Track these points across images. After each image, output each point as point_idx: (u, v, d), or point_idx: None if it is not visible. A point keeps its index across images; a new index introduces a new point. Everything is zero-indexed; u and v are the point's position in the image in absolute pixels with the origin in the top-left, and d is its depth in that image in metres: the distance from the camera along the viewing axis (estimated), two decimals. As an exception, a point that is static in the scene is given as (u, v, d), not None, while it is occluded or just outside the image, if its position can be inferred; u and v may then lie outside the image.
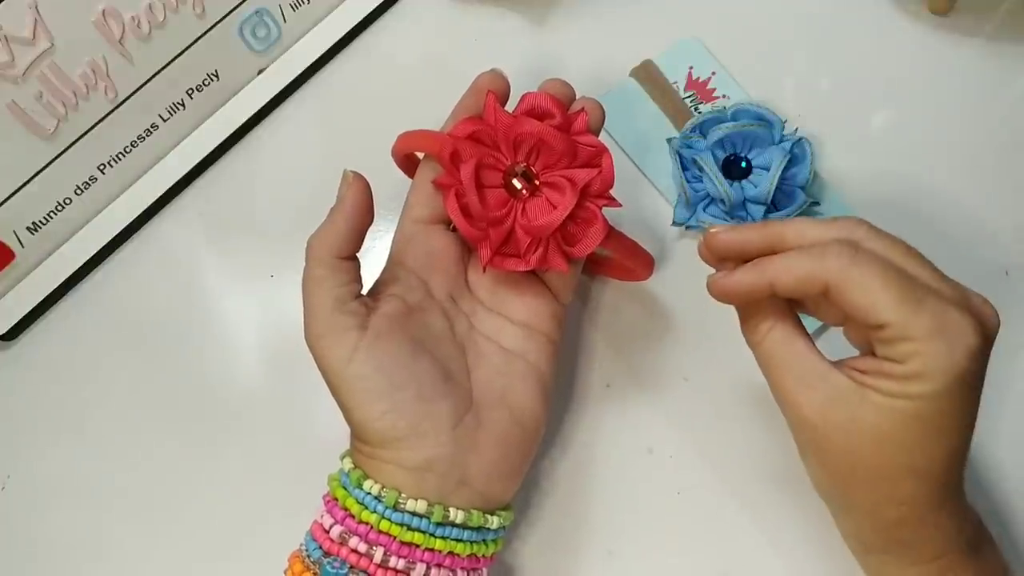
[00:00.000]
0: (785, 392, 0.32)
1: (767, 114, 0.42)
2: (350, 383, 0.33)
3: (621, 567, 0.40)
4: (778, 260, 0.32)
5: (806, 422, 0.32)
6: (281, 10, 0.46)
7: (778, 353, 0.33)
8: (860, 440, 0.31)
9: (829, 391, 0.31)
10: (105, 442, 0.43)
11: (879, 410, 0.30)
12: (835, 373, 0.31)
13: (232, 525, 0.41)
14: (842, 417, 0.31)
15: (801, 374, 0.32)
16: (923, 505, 0.31)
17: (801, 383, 0.32)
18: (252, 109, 0.46)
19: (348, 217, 0.34)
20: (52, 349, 0.44)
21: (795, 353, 0.32)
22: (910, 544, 0.32)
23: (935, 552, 0.32)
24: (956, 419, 0.30)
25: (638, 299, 0.43)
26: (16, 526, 0.42)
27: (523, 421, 0.36)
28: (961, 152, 0.45)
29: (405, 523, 0.33)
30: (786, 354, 0.32)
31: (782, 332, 0.33)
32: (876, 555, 0.34)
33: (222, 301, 0.45)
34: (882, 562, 0.34)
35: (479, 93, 0.37)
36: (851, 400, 0.31)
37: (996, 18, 0.47)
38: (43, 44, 0.39)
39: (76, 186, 0.43)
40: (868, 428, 0.30)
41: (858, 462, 0.31)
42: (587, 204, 0.35)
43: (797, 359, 0.32)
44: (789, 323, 0.33)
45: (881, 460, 0.31)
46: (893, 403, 0.30)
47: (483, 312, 0.37)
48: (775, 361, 0.33)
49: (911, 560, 0.33)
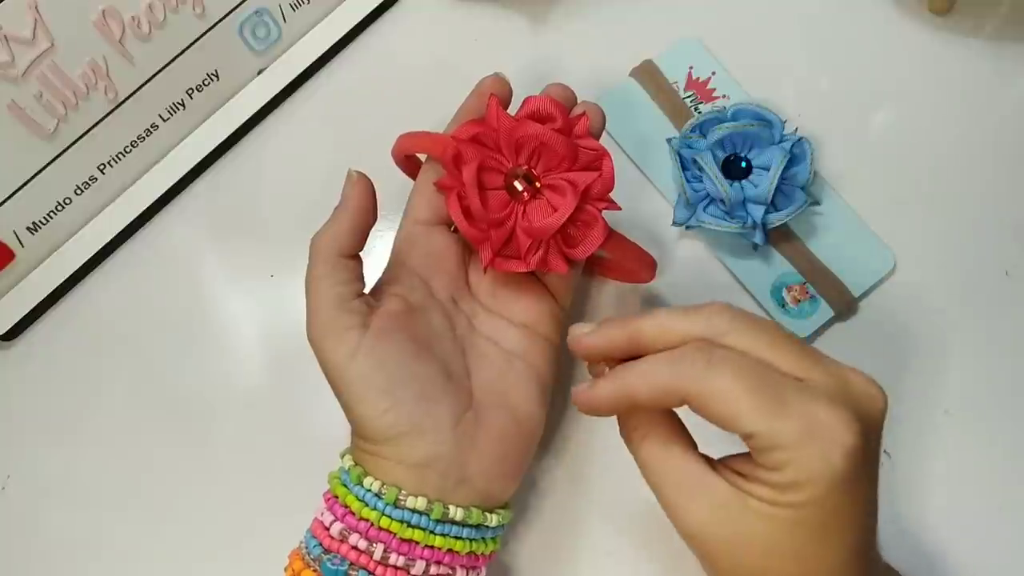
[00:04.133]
0: (667, 504, 0.30)
1: (767, 114, 0.42)
2: (352, 380, 0.33)
3: (620, 567, 0.40)
4: (635, 370, 0.30)
5: (691, 535, 0.30)
6: (281, 10, 0.46)
7: (656, 462, 0.31)
8: (747, 551, 0.29)
9: (710, 500, 0.29)
10: (105, 442, 0.43)
11: (761, 519, 0.28)
12: (715, 480, 0.29)
13: (232, 523, 0.41)
14: (726, 530, 0.29)
15: (680, 483, 0.30)
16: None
17: (681, 494, 0.30)
18: (252, 109, 0.46)
19: (352, 216, 0.34)
20: (52, 349, 0.44)
21: (672, 461, 0.30)
22: None
23: None
24: (845, 518, 0.28)
25: (638, 299, 0.43)
26: (16, 526, 0.42)
27: (522, 421, 0.36)
28: (961, 152, 0.45)
29: (405, 520, 0.33)
30: (664, 464, 0.30)
31: (657, 438, 0.31)
32: None
33: (222, 301, 0.45)
34: None
35: (482, 96, 0.37)
36: (732, 509, 0.29)
37: (996, 18, 0.47)
38: (43, 44, 0.39)
39: (76, 186, 0.43)
40: (753, 538, 0.29)
41: (751, 573, 0.29)
42: (587, 207, 0.35)
43: (675, 468, 0.30)
44: (664, 427, 0.31)
45: (773, 571, 0.29)
46: (774, 511, 0.28)
47: (484, 313, 0.37)
48: (654, 471, 0.31)
49: None
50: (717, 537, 0.29)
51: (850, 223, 0.43)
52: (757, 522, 0.28)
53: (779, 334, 0.29)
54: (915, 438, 0.41)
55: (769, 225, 0.41)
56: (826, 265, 0.43)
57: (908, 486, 0.40)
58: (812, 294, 0.42)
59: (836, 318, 0.42)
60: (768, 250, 0.43)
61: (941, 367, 0.41)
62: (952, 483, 0.40)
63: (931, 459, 0.41)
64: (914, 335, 0.41)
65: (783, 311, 0.42)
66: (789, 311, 0.42)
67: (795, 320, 0.42)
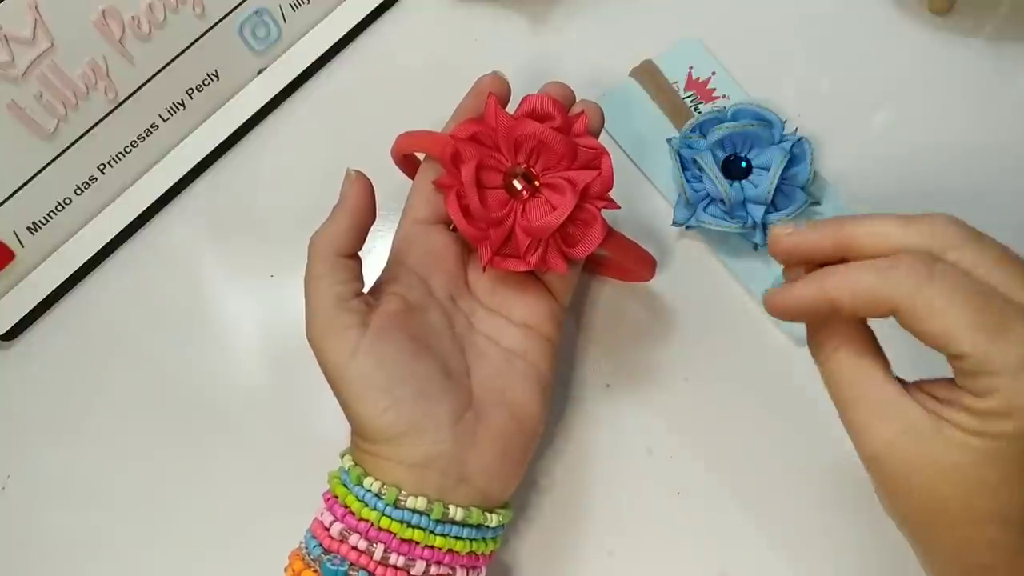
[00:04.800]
0: (852, 422, 0.29)
1: (767, 114, 0.42)
2: (351, 380, 0.33)
3: (621, 567, 0.40)
4: (840, 276, 0.28)
5: (876, 457, 0.28)
6: (281, 10, 0.46)
7: (845, 377, 0.29)
8: (933, 479, 0.27)
9: (900, 422, 0.28)
10: (105, 442, 0.43)
11: (956, 447, 0.27)
12: (909, 404, 0.28)
13: (232, 524, 0.41)
14: (913, 455, 0.28)
15: (871, 403, 0.29)
16: (1014, 553, 0.28)
17: (871, 413, 0.28)
18: (252, 109, 0.46)
19: (351, 215, 0.34)
20: (52, 349, 0.44)
21: (865, 378, 0.29)
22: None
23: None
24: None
25: (638, 299, 0.43)
26: (16, 526, 0.42)
27: (522, 420, 0.36)
28: (961, 152, 0.45)
29: (405, 520, 0.33)
30: (854, 379, 0.29)
31: (850, 352, 0.29)
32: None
33: (222, 301, 0.45)
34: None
35: (480, 95, 0.37)
36: (924, 434, 0.27)
37: (996, 18, 0.47)
38: (43, 44, 0.39)
39: (76, 186, 0.44)
40: (943, 467, 0.27)
41: (935, 504, 0.28)
42: (586, 206, 0.35)
43: (866, 385, 0.29)
44: (859, 340, 0.29)
45: (960, 503, 0.27)
46: (973, 441, 0.27)
47: (483, 312, 0.37)
48: (842, 386, 0.29)
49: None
50: (902, 461, 0.28)
51: (850, 223, 0.43)
52: (951, 450, 0.27)
53: (1006, 255, 0.28)
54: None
55: (769, 225, 0.41)
56: (826, 265, 0.42)
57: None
58: (812, 294, 0.42)
59: (836, 318, 0.42)
60: (768, 250, 0.43)
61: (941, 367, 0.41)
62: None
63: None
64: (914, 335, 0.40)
65: (783, 311, 0.42)
66: (789, 311, 0.42)
67: (795, 320, 0.42)
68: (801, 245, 0.30)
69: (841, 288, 0.28)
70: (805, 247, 0.30)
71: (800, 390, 0.41)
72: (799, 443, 0.41)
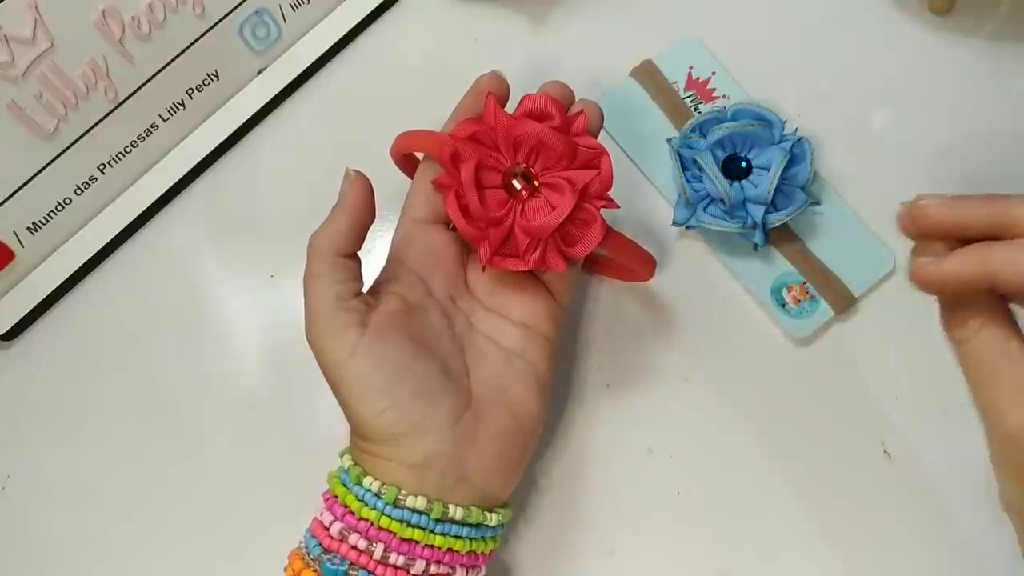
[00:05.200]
0: (990, 401, 0.28)
1: (767, 114, 0.42)
2: (350, 380, 0.33)
3: (621, 566, 0.40)
4: (1004, 252, 0.27)
5: (1012, 436, 0.28)
6: (281, 10, 0.46)
7: (988, 357, 0.29)
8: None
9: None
10: (105, 442, 0.43)
11: None
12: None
13: (232, 524, 0.41)
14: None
15: (1012, 382, 0.28)
16: None
17: (1013, 393, 0.28)
18: (252, 109, 0.46)
19: (350, 215, 0.34)
20: (52, 349, 0.44)
21: (1008, 359, 0.28)
22: None
23: None
24: None
25: (638, 299, 0.43)
26: (16, 526, 0.42)
27: (521, 419, 0.36)
28: (961, 152, 0.45)
29: (405, 520, 0.33)
30: (997, 359, 0.28)
31: (994, 332, 0.29)
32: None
33: (222, 301, 0.45)
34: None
35: (479, 94, 0.37)
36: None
37: (996, 18, 0.47)
38: (43, 44, 0.39)
39: (76, 186, 0.44)
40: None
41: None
42: (586, 205, 0.35)
43: (1010, 366, 0.28)
44: (1003, 320, 0.29)
45: None
46: None
47: (482, 311, 0.37)
48: (983, 365, 0.29)
49: None
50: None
51: (850, 223, 0.43)
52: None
53: None
54: (915, 438, 0.41)
55: (769, 225, 0.41)
56: (826, 265, 0.42)
57: (908, 486, 0.40)
58: (812, 294, 0.42)
59: (836, 318, 0.42)
60: (768, 250, 0.43)
61: (941, 367, 0.41)
62: (952, 483, 0.40)
63: (931, 459, 0.41)
64: (914, 335, 0.40)
65: (783, 311, 0.42)
66: (789, 311, 0.42)
67: (795, 320, 0.42)
68: (952, 217, 0.29)
69: (1007, 265, 0.27)
70: (956, 220, 0.29)
71: (800, 390, 0.41)
72: (799, 443, 0.41)
